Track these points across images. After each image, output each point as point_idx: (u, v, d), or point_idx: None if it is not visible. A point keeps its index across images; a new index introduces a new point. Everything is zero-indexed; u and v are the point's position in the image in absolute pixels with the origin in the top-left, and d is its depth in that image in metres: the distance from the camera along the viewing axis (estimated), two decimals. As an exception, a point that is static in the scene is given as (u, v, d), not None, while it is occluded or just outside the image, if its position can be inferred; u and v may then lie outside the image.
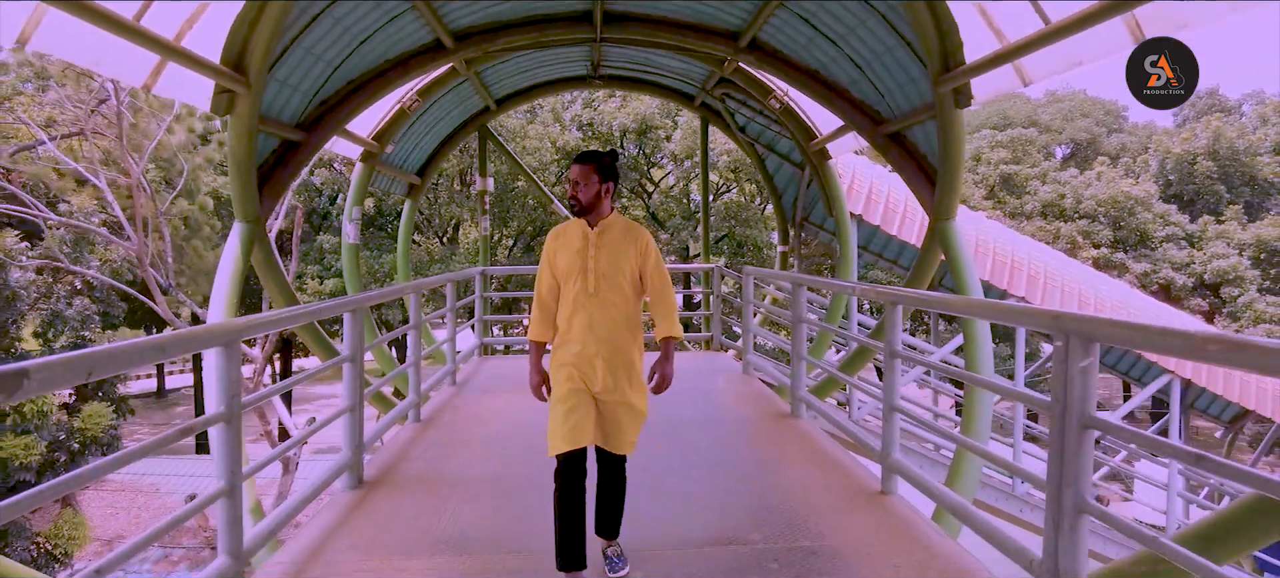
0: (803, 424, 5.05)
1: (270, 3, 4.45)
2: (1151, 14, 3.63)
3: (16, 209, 13.82)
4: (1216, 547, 2.41)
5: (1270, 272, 25.67)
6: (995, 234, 10.77)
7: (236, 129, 5.04)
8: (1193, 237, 26.64)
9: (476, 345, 8.91)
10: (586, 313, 2.73)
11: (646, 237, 2.86)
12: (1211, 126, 29.01)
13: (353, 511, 3.45)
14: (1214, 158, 28.86)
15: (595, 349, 2.70)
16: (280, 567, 2.81)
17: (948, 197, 5.62)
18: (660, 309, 2.84)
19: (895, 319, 3.40)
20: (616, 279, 2.75)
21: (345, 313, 3.76)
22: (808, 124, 8.24)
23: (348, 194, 9.33)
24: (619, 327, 2.74)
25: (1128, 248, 26.19)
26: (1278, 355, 1.60)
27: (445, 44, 6.88)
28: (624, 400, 2.72)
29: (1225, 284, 24.15)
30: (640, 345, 2.84)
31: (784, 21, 6.49)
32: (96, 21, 3.47)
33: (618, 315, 2.74)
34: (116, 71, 4.66)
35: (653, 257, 2.82)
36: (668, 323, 2.81)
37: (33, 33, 3.31)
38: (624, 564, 2.78)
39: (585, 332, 2.72)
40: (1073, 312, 2.19)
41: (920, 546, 3.00)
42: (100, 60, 3.89)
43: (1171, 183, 29.90)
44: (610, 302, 2.73)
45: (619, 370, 2.71)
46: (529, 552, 2.93)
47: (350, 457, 3.75)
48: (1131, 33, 3.65)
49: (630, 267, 2.77)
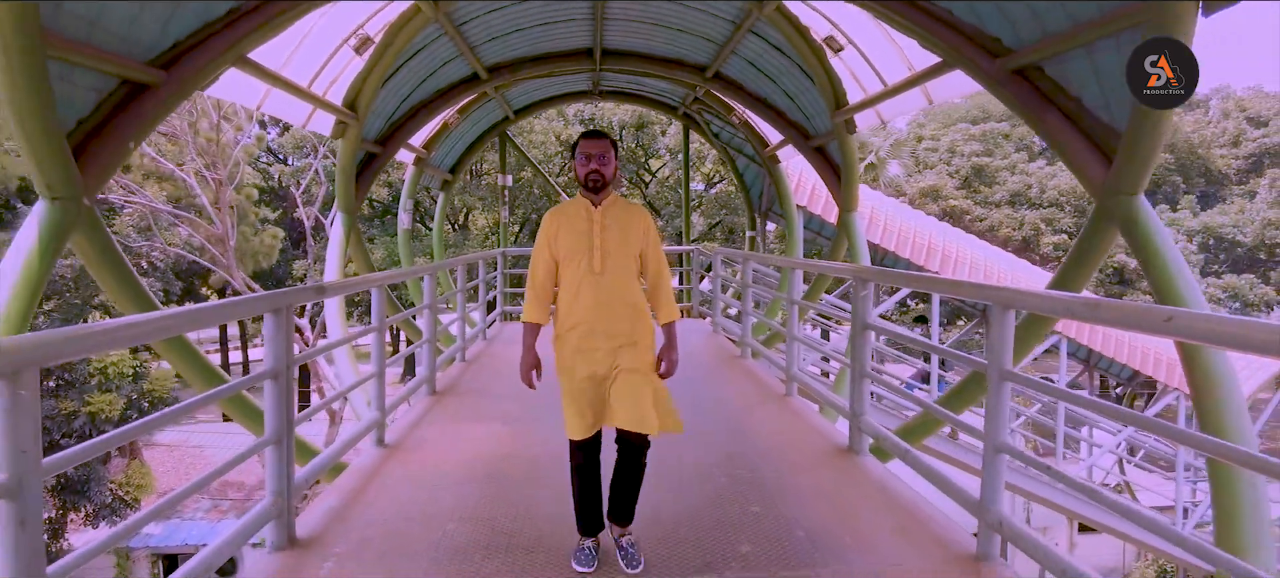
0: (748, 363, 7.26)
1: (376, 69, 6.70)
2: (946, 87, 5.85)
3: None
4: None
5: (1219, 256, 27.93)
6: (886, 207, 13.14)
7: (346, 148, 7.32)
8: (1150, 224, 28.81)
9: (499, 312, 11.18)
10: (592, 292, 2.70)
11: (647, 217, 2.85)
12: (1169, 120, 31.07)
13: (433, 407, 5.71)
14: (1172, 150, 31.00)
15: (602, 328, 2.68)
16: (329, 499, 3.40)
17: (849, 194, 7.89)
18: (659, 294, 2.85)
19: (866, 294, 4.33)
20: (621, 258, 2.73)
21: (425, 276, 5.94)
22: (762, 135, 10.47)
23: (402, 190, 11.59)
24: (625, 305, 2.72)
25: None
26: (1125, 311, 2.26)
27: (481, 76, 9.10)
28: (636, 377, 2.67)
29: (1172, 267, 26.36)
30: (648, 325, 2.80)
31: (737, 62, 8.71)
32: (295, 93, 5.74)
33: (623, 294, 2.72)
34: (288, 116, 6.88)
35: (653, 237, 2.82)
36: (669, 308, 2.84)
37: (264, 102, 5.58)
38: (640, 558, 2.72)
39: (591, 311, 2.69)
40: (996, 284, 3.08)
41: (773, 396, 5.25)
42: (287, 112, 6.17)
43: (1134, 174, 32.03)
44: (616, 281, 2.72)
45: (627, 351, 2.70)
46: (534, 459, 3.97)
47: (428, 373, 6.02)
48: (927, 95, 5.90)
49: (634, 245, 2.76)
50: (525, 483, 3.67)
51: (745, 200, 13.18)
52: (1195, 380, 3.72)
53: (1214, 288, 25.44)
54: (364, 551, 2.88)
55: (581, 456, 2.72)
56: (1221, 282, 25.58)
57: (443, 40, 7.58)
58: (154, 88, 4.26)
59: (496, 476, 3.75)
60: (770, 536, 3.02)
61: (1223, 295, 25.05)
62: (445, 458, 4.09)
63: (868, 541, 2.96)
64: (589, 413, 2.67)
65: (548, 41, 9.15)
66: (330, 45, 6.23)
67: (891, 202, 15.06)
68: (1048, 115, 4.49)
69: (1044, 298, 2.79)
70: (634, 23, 8.46)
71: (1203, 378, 3.67)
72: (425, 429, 4.74)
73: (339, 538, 2.98)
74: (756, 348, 7.20)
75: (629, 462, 2.75)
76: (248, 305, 2.93)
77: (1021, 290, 2.85)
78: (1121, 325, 2.55)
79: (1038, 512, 14.63)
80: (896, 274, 7.80)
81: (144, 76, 4.19)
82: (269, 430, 2.84)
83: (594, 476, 2.75)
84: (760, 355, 7.22)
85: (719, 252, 9.32)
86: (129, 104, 4.15)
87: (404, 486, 3.62)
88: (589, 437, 2.69)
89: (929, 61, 5.55)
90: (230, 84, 5.16)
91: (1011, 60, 4.63)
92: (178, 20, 4.27)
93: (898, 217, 12.69)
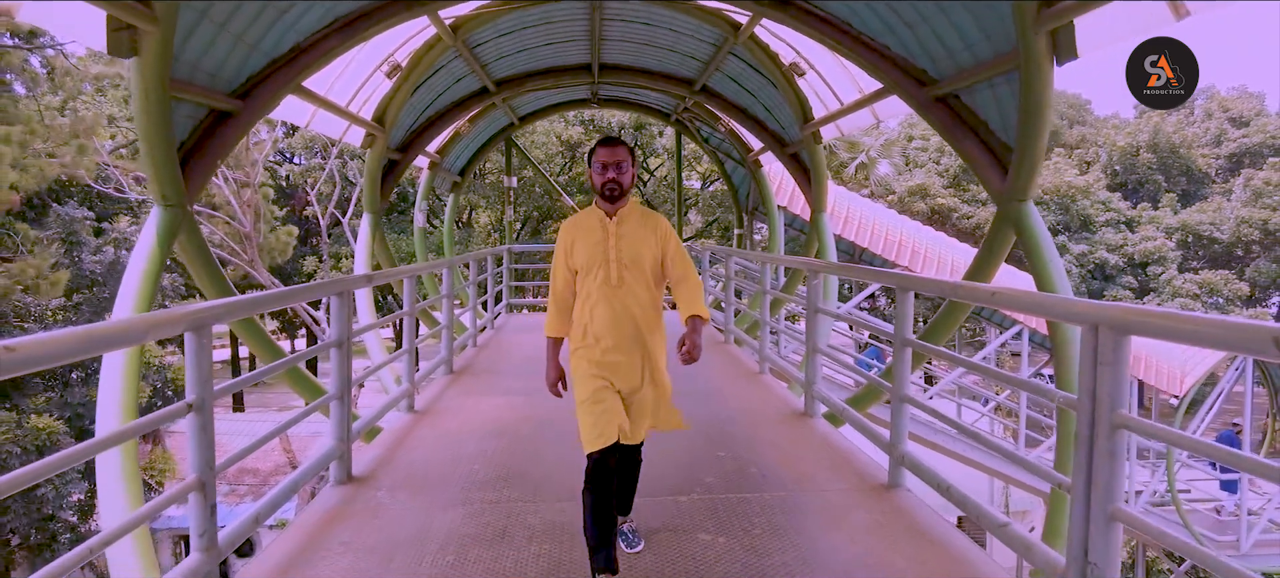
0: (731, 348, 8.25)
1: (401, 89, 7.71)
2: (888, 108, 6.84)
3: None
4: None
5: (1197, 252, 28.91)
6: (861, 207, 14.19)
7: (373, 156, 8.34)
8: (1132, 221, 29.82)
9: (505, 304, 12.18)
10: (609, 305, 2.65)
11: (665, 223, 2.78)
12: (1151, 121, 32.06)
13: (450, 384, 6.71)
14: (1154, 150, 31.97)
15: (619, 342, 2.65)
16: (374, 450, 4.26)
17: (819, 196, 8.89)
18: (685, 292, 2.74)
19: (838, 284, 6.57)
20: (639, 268, 2.68)
21: (444, 269, 6.91)
22: (746, 141, 11.46)
23: (418, 192, 12.60)
24: (643, 318, 2.68)
25: (1071, 231, 29.37)
26: (977, 291, 3.28)
27: (490, 89, 10.09)
28: (649, 403, 2.75)
29: (1151, 263, 27.37)
30: (663, 336, 2.79)
31: (721, 78, 9.70)
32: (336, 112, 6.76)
33: (641, 306, 2.68)
34: (328, 131, 7.91)
35: (673, 242, 2.75)
36: (696, 303, 2.72)
37: (311, 121, 6.60)
38: (639, 540, 2.88)
39: (609, 325, 2.65)
40: (911, 274, 4.67)
41: (748, 375, 6.25)
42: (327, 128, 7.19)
43: (1117, 173, 33.06)
44: (633, 292, 2.67)
45: (643, 364, 2.69)
46: (540, 421, 4.88)
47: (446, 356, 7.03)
48: (874, 115, 6.90)
49: (652, 254, 2.70)
50: (534, 437, 4.58)
51: (733, 201, 14.19)
52: (1055, 341, 4.74)
53: (1191, 284, 26.42)
54: (408, 483, 3.76)
55: (597, 483, 2.55)
56: (1198, 278, 26.55)
57: (458, 61, 8.57)
58: (235, 115, 5.24)
59: (509, 432, 4.67)
60: (729, 472, 3.86)
61: (1198, 291, 26.03)
62: (466, 420, 5.02)
63: (806, 476, 3.79)
64: (607, 426, 2.57)
65: (551, 58, 10.14)
66: (366, 71, 7.25)
67: (866, 202, 16.18)
68: (962, 136, 5.45)
69: (923, 282, 3.73)
70: (628, 43, 9.46)
71: (1059, 341, 4.69)
72: (447, 400, 5.70)
73: (386, 476, 3.86)
74: (739, 335, 8.20)
75: (630, 462, 2.89)
76: (322, 288, 4.02)
77: (911, 276, 3.64)
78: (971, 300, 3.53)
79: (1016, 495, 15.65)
80: (833, 266, 8.79)
81: (227, 106, 5.15)
82: (333, 388, 3.65)
83: (607, 504, 2.54)
84: (744, 344, 8.21)
85: (708, 249, 10.32)
86: (216, 128, 5.10)
87: (434, 440, 4.56)
88: (605, 448, 2.55)
89: (874, 87, 6.56)
90: (286, 107, 6.16)
91: (935, 89, 5.61)
92: (253, 58, 5.27)
93: (872, 216, 13.74)
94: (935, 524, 3.16)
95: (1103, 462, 2.00)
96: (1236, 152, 32.56)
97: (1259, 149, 31.75)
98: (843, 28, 6.00)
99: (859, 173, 27.60)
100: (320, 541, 3.03)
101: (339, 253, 24.85)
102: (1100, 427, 2.00)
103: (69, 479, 13.58)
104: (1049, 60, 4.33)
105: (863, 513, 3.32)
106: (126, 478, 4.27)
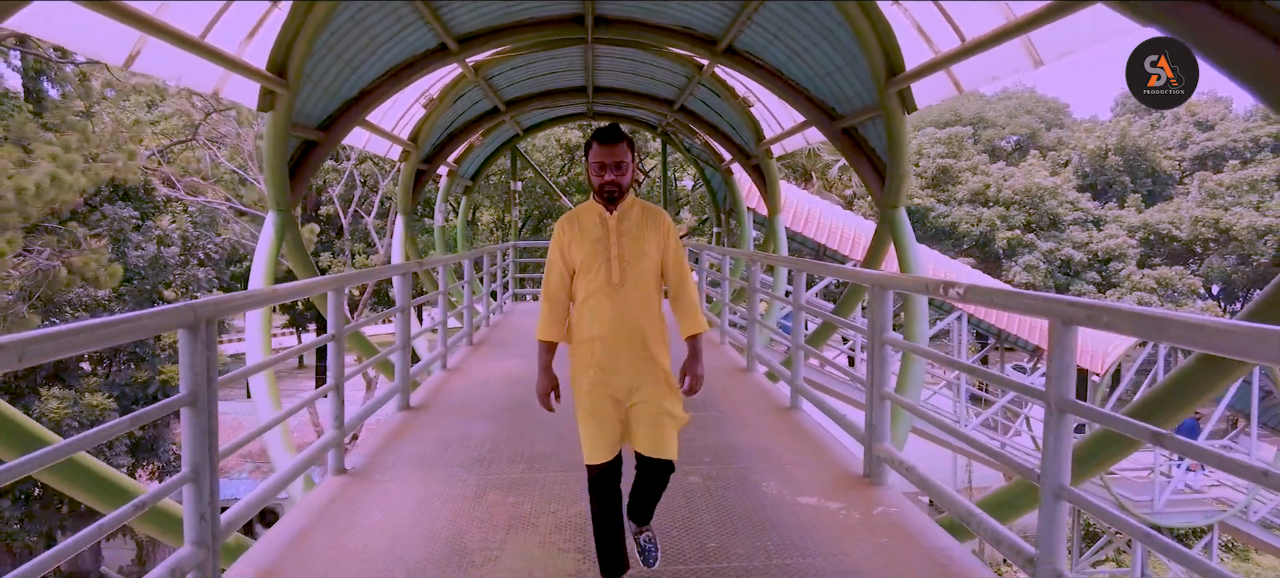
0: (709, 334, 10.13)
1: (432, 115, 9.59)
2: (815, 134, 8.72)
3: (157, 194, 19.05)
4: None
5: (1158, 250, 30.80)
6: (819, 208, 16.13)
7: (407, 168, 10.23)
8: (1099, 220, 31.67)
9: (510, 294, 14.07)
10: (609, 306, 2.49)
11: (668, 221, 2.60)
12: (1118, 125, 33.92)
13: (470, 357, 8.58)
14: (1121, 153, 33.84)
15: (620, 345, 2.49)
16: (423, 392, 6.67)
17: (773, 201, 10.79)
18: (682, 304, 2.61)
19: (800, 282, 8.36)
20: (640, 268, 2.51)
21: (465, 261, 8.75)
22: (718, 152, 13.36)
23: (437, 195, 14.53)
24: (645, 319, 2.51)
25: (1039, 229, 31.26)
26: (857, 273, 6.16)
27: (501, 109, 11.98)
28: (656, 405, 2.50)
29: (1113, 260, 29.25)
30: (667, 338, 2.60)
31: (695, 101, 11.59)
32: (383, 135, 8.67)
33: (643, 307, 2.51)
34: (376, 149, 9.81)
35: (674, 245, 2.58)
36: (693, 319, 2.60)
37: (367, 144, 8.47)
38: (656, 552, 2.73)
39: (609, 327, 2.48)
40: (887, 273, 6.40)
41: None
42: (375, 147, 9.08)
43: (1087, 174, 34.94)
44: (635, 293, 2.50)
45: (646, 370, 2.51)
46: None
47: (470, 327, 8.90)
48: (806, 139, 8.78)
49: (654, 253, 2.53)
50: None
51: (712, 203, 16.10)
52: (904, 319, 6.64)
53: (1149, 279, 28.29)
54: (450, 409, 5.29)
55: (601, 491, 2.51)
56: (1155, 273, 28.42)
57: (476, 89, 10.46)
58: (319, 143, 7.17)
59: (522, 382, 6.31)
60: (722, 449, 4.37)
61: (1155, 285, 27.89)
62: (490, 374, 6.84)
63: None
64: (609, 435, 2.49)
65: (552, 82, 12.04)
66: (407, 104, 9.15)
67: (824, 203, 18.16)
68: (858, 159, 7.45)
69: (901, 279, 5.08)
70: (617, 71, 11.35)
71: (908, 316, 6.58)
72: (472, 362, 7.52)
73: (435, 404, 5.67)
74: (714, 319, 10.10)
75: (653, 478, 2.61)
76: (380, 272, 5.70)
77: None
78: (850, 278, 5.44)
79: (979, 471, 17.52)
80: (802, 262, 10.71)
81: (315, 137, 7.14)
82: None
83: (614, 513, 2.53)
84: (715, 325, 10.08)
85: (687, 246, 12.19)
86: (309, 154, 7.08)
87: (466, 385, 6.34)
88: (608, 461, 2.48)
89: (801, 118, 8.47)
90: (352, 134, 8.09)
91: (841, 122, 7.58)
92: (333, 103, 7.17)
93: (830, 215, 15.68)
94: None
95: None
96: (1200, 154, 34.39)
97: (1221, 152, 33.58)
98: (775, 73, 7.89)
99: (841, 176, 29.42)
100: (393, 445, 4.59)
101: (354, 249, 26.76)
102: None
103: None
104: (900, 111, 6.26)
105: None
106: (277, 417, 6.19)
